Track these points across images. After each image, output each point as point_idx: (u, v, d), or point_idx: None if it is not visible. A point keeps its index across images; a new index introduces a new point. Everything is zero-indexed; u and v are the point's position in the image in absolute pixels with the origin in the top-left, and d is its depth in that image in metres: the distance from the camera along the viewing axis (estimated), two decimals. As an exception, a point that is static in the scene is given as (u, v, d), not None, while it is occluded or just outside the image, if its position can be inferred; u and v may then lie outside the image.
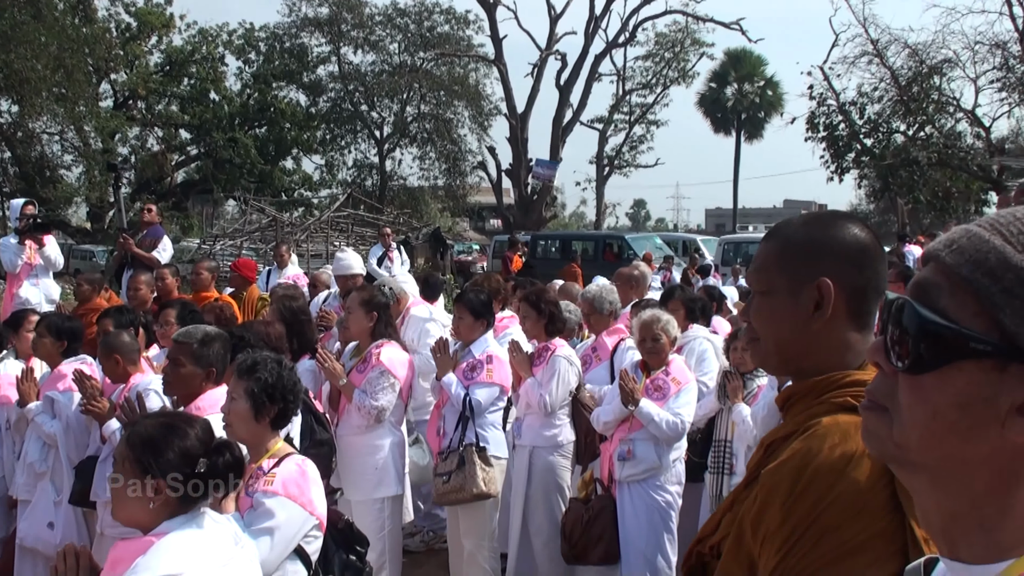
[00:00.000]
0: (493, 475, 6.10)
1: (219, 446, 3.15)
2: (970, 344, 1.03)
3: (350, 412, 6.10)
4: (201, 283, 9.77)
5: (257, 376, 3.80)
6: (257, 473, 3.69)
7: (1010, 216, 1.09)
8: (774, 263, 1.98)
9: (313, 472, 3.81)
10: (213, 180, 39.88)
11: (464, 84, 43.34)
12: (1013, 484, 1.05)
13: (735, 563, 1.93)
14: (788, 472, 1.81)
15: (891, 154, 30.31)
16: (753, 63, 55.97)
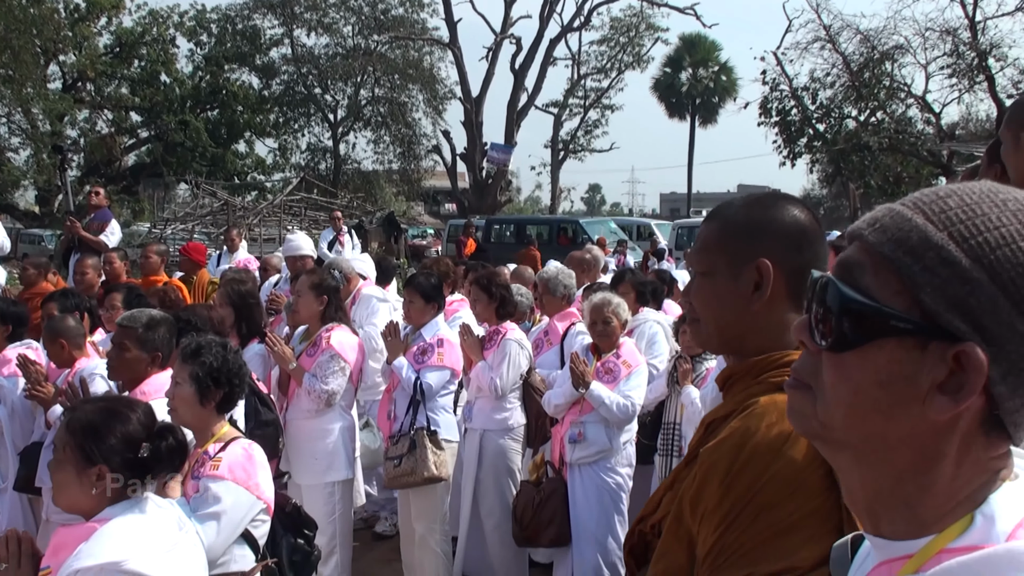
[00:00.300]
0: (444, 458, 6.10)
1: (162, 430, 3.12)
2: (891, 322, 1.04)
3: (300, 396, 6.06)
4: (150, 267, 9.66)
5: (202, 360, 3.76)
6: (203, 458, 3.66)
7: (933, 195, 1.10)
8: (714, 244, 1.98)
9: (260, 456, 3.79)
10: (164, 163, 39.42)
11: (418, 67, 43.14)
12: (934, 462, 1.06)
13: (675, 541, 1.94)
14: (726, 451, 1.82)
15: (843, 139, 30.55)
16: (707, 48, 56.22)
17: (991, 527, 1.02)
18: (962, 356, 1.02)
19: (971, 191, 1.08)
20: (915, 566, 1.05)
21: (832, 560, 1.28)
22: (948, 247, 1.03)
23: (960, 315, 1.02)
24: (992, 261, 1.02)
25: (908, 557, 1.07)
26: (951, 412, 1.03)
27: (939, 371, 1.03)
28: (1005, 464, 1.08)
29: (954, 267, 1.02)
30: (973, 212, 1.05)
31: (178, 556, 2.97)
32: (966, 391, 1.02)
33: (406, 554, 6.44)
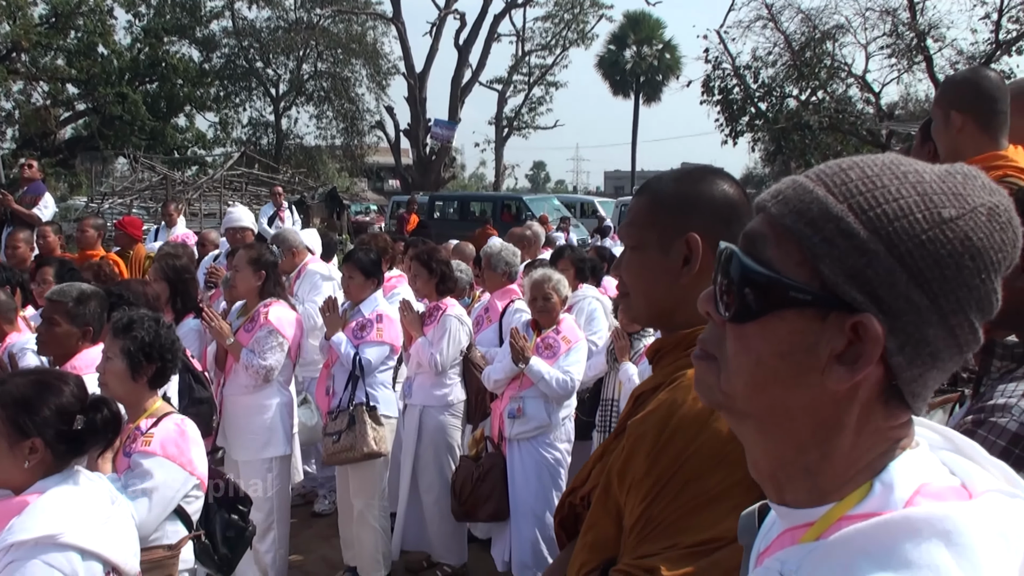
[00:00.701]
0: (383, 434, 6.10)
1: (95, 402, 3.09)
2: (790, 293, 1.06)
3: (237, 372, 6.03)
4: (87, 241, 9.51)
5: (134, 335, 3.72)
6: (135, 433, 3.62)
7: (836, 167, 1.11)
8: (644, 218, 1.99)
9: (193, 432, 3.76)
10: (101, 137, 38.68)
11: (362, 42, 42.75)
12: (834, 431, 1.08)
13: (603, 512, 1.96)
14: (653, 423, 1.84)
15: (784, 118, 30.78)
16: (652, 26, 56.38)
17: (889, 494, 1.04)
18: (859, 327, 1.03)
19: (873, 163, 1.09)
20: (816, 533, 1.07)
21: (740, 528, 1.30)
22: (847, 219, 1.04)
23: (858, 286, 1.03)
24: (890, 233, 1.03)
25: (810, 524, 1.09)
26: (848, 382, 1.05)
27: (838, 342, 1.05)
28: (906, 433, 1.10)
29: (852, 239, 1.04)
30: (873, 184, 1.06)
31: (112, 529, 2.95)
32: (863, 361, 1.04)
33: (344, 530, 6.44)
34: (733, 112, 32.08)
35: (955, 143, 3.49)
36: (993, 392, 2.40)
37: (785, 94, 32.08)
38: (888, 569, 0.96)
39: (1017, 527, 1.01)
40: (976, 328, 1.08)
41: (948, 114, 3.48)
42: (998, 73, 3.70)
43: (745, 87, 31.83)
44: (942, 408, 2.84)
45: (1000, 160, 3.39)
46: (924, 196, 1.05)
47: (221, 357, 6.15)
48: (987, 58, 27.68)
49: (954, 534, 0.96)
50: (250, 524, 4.30)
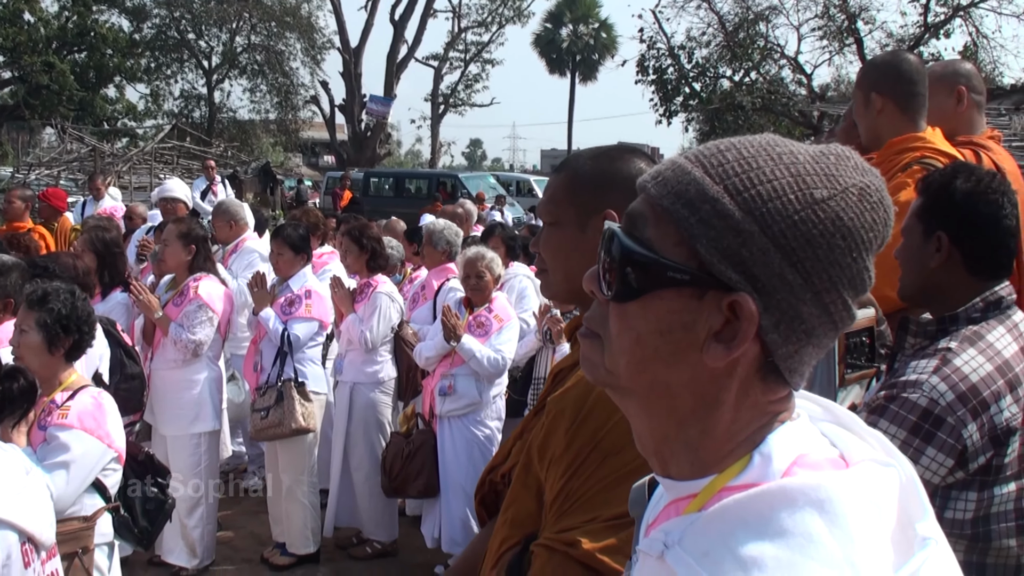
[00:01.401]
0: (312, 410, 6.08)
1: (11, 371, 3.05)
2: (668, 273, 1.08)
3: (166, 346, 5.97)
4: (13, 213, 9.31)
5: (49, 307, 3.66)
6: (50, 407, 3.58)
7: (714, 148, 1.13)
8: (562, 195, 1.99)
9: (110, 404, 3.73)
10: (27, 107, 37.84)
11: (296, 15, 42.23)
12: (712, 406, 1.10)
13: (523, 489, 1.98)
14: (572, 399, 1.86)
15: (717, 98, 31.00)
16: (588, 5, 56.50)
17: (768, 465, 1.07)
18: (735, 305, 1.06)
19: (750, 144, 1.12)
20: (699, 504, 1.09)
21: (631, 501, 1.32)
22: (723, 200, 1.07)
23: (732, 266, 1.06)
24: (764, 213, 1.06)
25: (693, 496, 1.11)
26: (725, 359, 1.07)
27: (715, 320, 1.07)
28: (785, 407, 1.13)
29: (727, 219, 1.06)
30: (749, 165, 1.09)
31: (26, 499, 2.92)
32: (739, 339, 1.06)
33: (273, 506, 6.42)
34: (667, 92, 32.22)
35: (875, 125, 3.56)
36: (906, 368, 2.46)
37: (719, 75, 32.31)
38: (764, 538, 0.99)
39: (888, 495, 1.05)
40: (849, 305, 1.10)
41: (868, 96, 3.55)
42: (918, 56, 3.78)
43: (679, 67, 31.97)
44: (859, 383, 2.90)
45: (918, 142, 3.46)
46: (797, 177, 1.07)
47: (149, 331, 6.08)
48: (916, 41, 28.11)
49: (827, 502, 0.99)
50: (169, 497, 4.28)
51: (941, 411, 2.34)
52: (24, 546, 2.86)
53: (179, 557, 6.06)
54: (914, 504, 1.08)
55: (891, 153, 3.46)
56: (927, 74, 3.56)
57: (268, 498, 6.48)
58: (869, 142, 3.62)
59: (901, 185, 3.28)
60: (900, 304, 2.82)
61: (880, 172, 2.72)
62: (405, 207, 21.28)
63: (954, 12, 28.21)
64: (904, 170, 3.38)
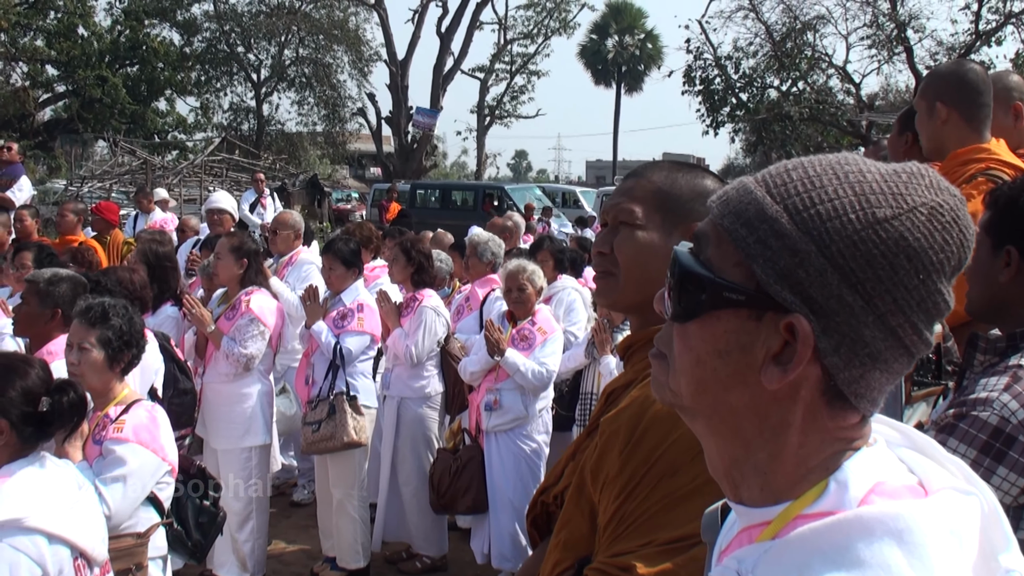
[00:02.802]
0: (363, 424, 6.08)
1: (61, 385, 3.07)
2: (725, 293, 1.07)
3: (218, 360, 6.00)
4: (66, 226, 9.42)
5: (111, 323, 3.69)
6: (104, 421, 3.60)
7: (781, 167, 1.12)
8: (648, 199, 1.95)
9: (163, 418, 3.75)
10: (80, 120, 38.39)
11: (344, 28, 42.52)
12: (778, 430, 1.08)
13: (576, 510, 1.95)
14: (626, 420, 1.83)
15: (765, 109, 30.87)
16: (633, 15, 56.47)
17: (844, 493, 1.05)
18: (791, 327, 1.04)
19: (819, 163, 1.10)
20: (772, 532, 1.07)
21: (703, 526, 1.30)
22: (780, 219, 1.05)
23: (788, 286, 1.04)
24: (822, 233, 1.03)
25: (766, 523, 1.09)
26: (781, 382, 1.05)
27: (774, 342, 1.05)
28: (859, 434, 1.10)
29: (784, 239, 1.04)
30: (812, 184, 1.07)
31: (79, 514, 2.93)
32: (794, 362, 1.04)
33: (323, 520, 6.42)
34: (714, 102, 32.13)
35: (939, 135, 3.50)
36: (975, 386, 2.40)
37: (766, 84, 32.16)
38: (841, 568, 0.97)
39: (970, 525, 1.02)
40: (921, 330, 1.07)
41: (933, 106, 3.49)
42: (981, 65, 3.70)
43: (726, 77, 31.87)
44: (926, 401, 2.85)
45: (983, 152, 3.40)
46: (861, 196, 1.05)
47: (201, 345, 6.12)
48: (967, 48, 27.83)
49: (906, 532, 0.97)
50: (221, 510, 4.30)
51: (1012, 429, 2.28)
52: (76, 561, 2.88)
53: (230, 571, 6.07)
54: (997, 534, 1.05)
55: (955, 164, 3.40)
56: (991, 84, 3.49)
57: (318, 512, 6.48)
58: (931, 152, 3.56)
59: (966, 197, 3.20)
60: (965, 317, 2.76)
61: (944, 183, 2.58)
62: (451, 219, 21.32)
63: (1005, 19, 27.89)
64: (969, 181, 3.32)
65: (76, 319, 3.75)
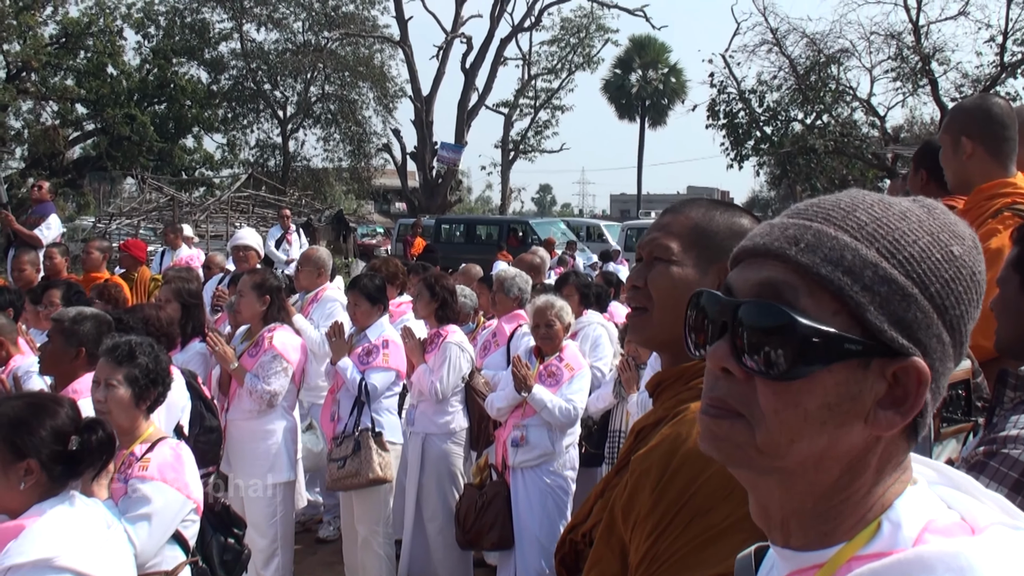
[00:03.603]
0: (389, 460, 6.07)
1: (90, 424, 3.08)
2: (844, 346, 1.04)
3: (241, 396, 6.01)
4: (92, 263, 9.51)
5: (138, 362, 3.71)
6: (130, 459, 3.62)
7: (838, 209, 1.10)
8: (685, 235, 1.95)
9: (188, 456, 3.76)
10: (109, 158, 38.72)
11: (369, 65, 42.85)
12: (858, 474, 1.07)
13: (607, 549, 1.93)
14: (658, 458, 1.81)
15: (789, 142, 30.79)
16: (657, 50, 56.56)
17: (897, 532, 1.04)
18: (904, 371, 1.03)
19: (868, 203, 1.09)
20: (826, 575, 1.06)
21: (736, 571, 1.28)
22: (883, 264, 1.04)
23: (901, 331, 1.03)
24: (920, 274, 1.04)
25: (818, 566, 1.08)
26: (899, 426, 1.05)
27: (880, 387, 1.05)
28: (909, 470, 1.11)
29: (891, 283, 1.04)
30: (888, 226, 1.06)
31: (109, 553, 2.94)
32: (911, 404, 1.04)
33: (349, 557, 6.40)
34: (738, 136, 32.10)
35: (964, 169, 3.48)
36: (1005, 423, 2.37)
37: (790, 118, 32.12)
38: None
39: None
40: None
41: (958, 140, 3.47)
42: (1006, 98, 3.69)
43: (750, 111, 31.85)
44: (955, 438, 2.81)
45: (1009, 187, 3.38)
46: (931, 235, 1.06)
47: (225, 382, 6.13)
48: (992, 80, 27.72)
49: (968, 570, 0.96)
50: (246, 547, 4.29)
51: None
52: (106, 600, 2.87)
53: (255, 608, 6.05)
54: None
55: (981, 199, 3.38)
56: (1017, 118, 3.47)
57: (344, 548, 6.47)
58: (956, 187, 3.54)
59: (992, 232, 3.20)
60: (994, 354, 2.73)
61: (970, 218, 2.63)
62: (476, 253, 21.35)
63: (1031, 51, 27.77)
64: (995, 216, 3.30)
65: (103, 357, 3.77)
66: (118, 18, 41.45)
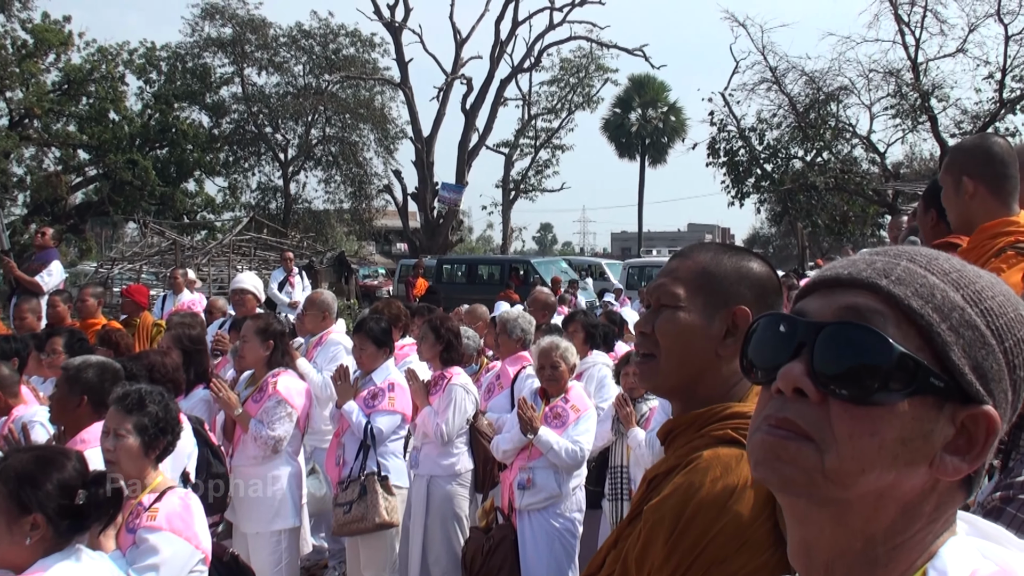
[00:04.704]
0: (395, 504, 6.05)
1: (97, 477, 3.07)
2: (930, 379, 1.04)
3: (246, 442, 5.99)
4: (87, 310, 9.41)
5: (147, 410, 3.70)
6: (138, 509, 3.59)
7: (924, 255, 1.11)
8: (691, 281, 1.96)
9: (196, 505, 3.74)
10: (111, 203, 38.89)
11: (370, 107, 43.10)
12: (912, 520, 1.07)
13: None
14: (671, 507, 1.80)
15: (790, 179, 30.90)
16: (656, 89, 56.82)
17: None
18: (975, 418, 1.04)
19: (945, 256, 1.11)
20: None
21: None
22: (968, 310, 1.05)
23: (979, 377, 1.04)
24: (999, 328, 1.05)
25: None
26: (964, 473, 1.05)
27: (948, 431, 1.05)
28: (954, 519, 1.11)
29: (975, 330, 1.04)
30: (968, 277, 1.08)
31: None
32: (977, 452, 1.05)
33: (354, 602, 6.35)
34: (739, 174, 32.22)
35: (966, 209, 3.47)
36: (1021, 468, 2.35)
37: (790, 155, 32.26)
38: None
39: None
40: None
41: (959, 180, 3.47)
42: (1004, 136, 3.69)
43: (750, 149, 31.99)
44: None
45: (1012, 226, 3.36)
46: (1006, 295, 1.08)
47: (229, 428, 6.11)
48: (991, 117, 27.86)
49: None
50: (253, 596, 4.26)
51: None
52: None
53: (262, 655, 6.00)
54: None
55: (984, 238, 3.37)
56: (1017, 156, 3.48)
57: (349, 594, 6.42)
58: (960, 227, 3.53)
59: (996, 271, 3.18)
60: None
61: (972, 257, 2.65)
62: (478, 294, 21.33)
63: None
64: (998, 255, 3.28)
65: (113, 406, 3.77)
66: (120, 64, 41.77)
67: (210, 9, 42.05)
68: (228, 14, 42.10)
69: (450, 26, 41.48)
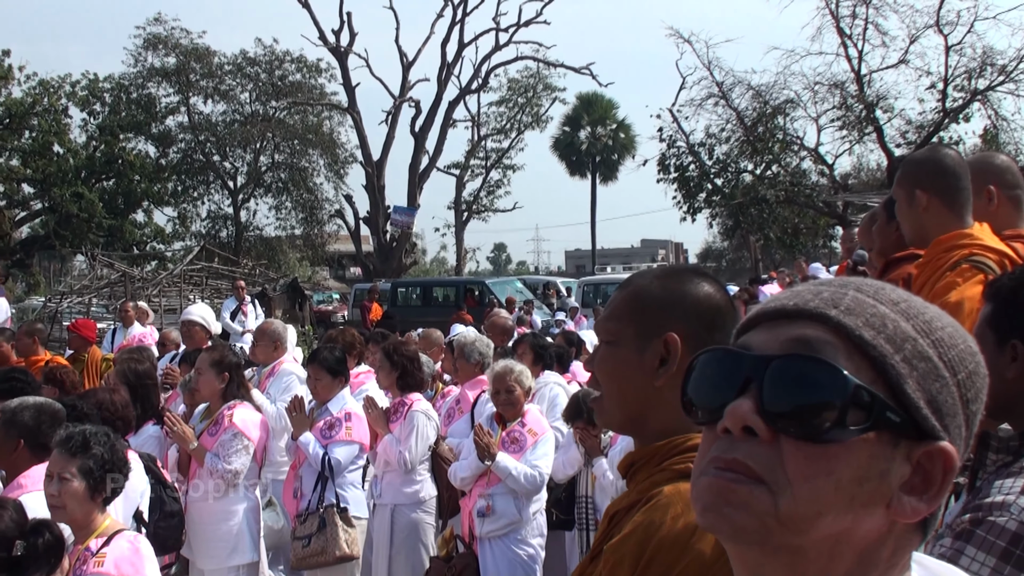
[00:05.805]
0: (355, 536, 5.97)
1: (36, 526, 2.97)
2: (886, 413, 0.98)
3: (202, 477, 5.88)
4: (24, 349, 9.19)
5: (92, 452, 3.59)
6: (85, 555, 3.49)
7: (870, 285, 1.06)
8: (624, 313, 1.91)
9: (147, 549, 3.64)
10: (57, 236, 38.47)
11: (318, 132, 43.01)
12: (869, 567, 1.01)
13: None
14: (631, 547, 1.75)
15: (740, 193, 31.19)
16: (605, 107, 57.12)
17: None
18: (931, 456, 0.98)
19: (890, 287, 1.06)
20: None
21: None
22: (920, 340, 1.00)
23: (934, 412, 0.99)
24: (951, 360, 1.00)
25: None
26: (923, 515, 1.00)
27: (904, 470, 0.99)
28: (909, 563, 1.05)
29: (928, 361, 0.99)
30: (917, 308, 1.03)
31: None
32: (936, 491, 0.99)
33: (315, 637, 6.24)
34: (690, 189, 32.48)
35: (920, 223, 3.46)
36: (990, 488, 2.31)
37: (740, 169, 32.58)
38: None
39: None
40: None
41: (912, 193, 3.46)
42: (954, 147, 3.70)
43: (700, 164, 32.26)
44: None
45: (966, 238, 3.36)
46: (954, 327, 1.03)
47: (184, 463, 5.99)
48: (936, 126, 28.31)
49: None
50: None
51: None
52: None
53: None
54: None
55: (939, 251, 3.36)
56: (969, 168, 3.48)
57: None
58: (914, 240, 3.53)
59: (951, 284, 3.18)
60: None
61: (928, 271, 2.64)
62: (434, 316, 21.27)
63: (972, 97, 28.44)
64: (953, 268, 3.27)
65: (56, 449, 3.65)
66: (63, 96, 41.42)
67: (152, 39, 41.82)
68: (171, 44, 41.86)
69: (396, 49, 41.52)
